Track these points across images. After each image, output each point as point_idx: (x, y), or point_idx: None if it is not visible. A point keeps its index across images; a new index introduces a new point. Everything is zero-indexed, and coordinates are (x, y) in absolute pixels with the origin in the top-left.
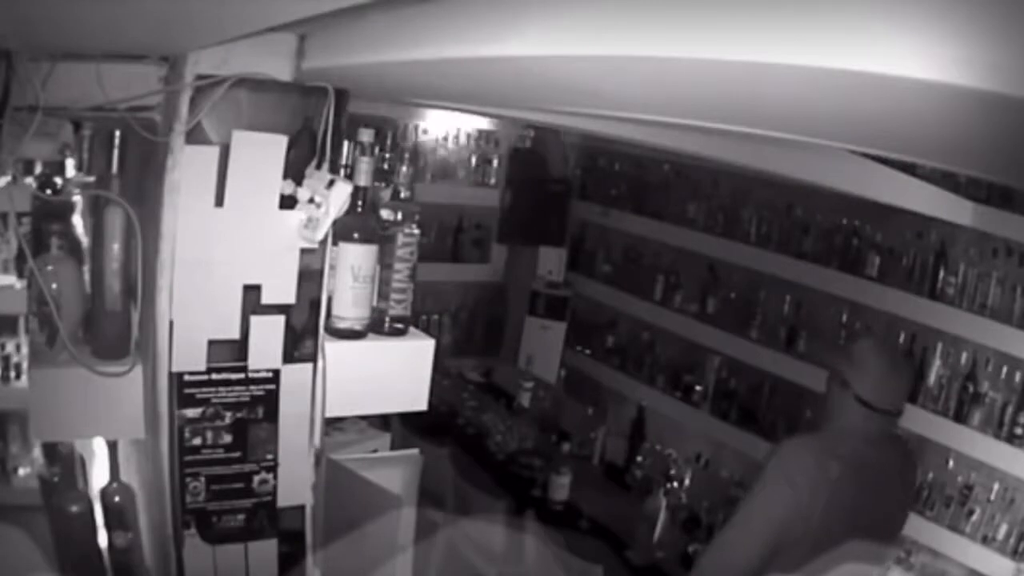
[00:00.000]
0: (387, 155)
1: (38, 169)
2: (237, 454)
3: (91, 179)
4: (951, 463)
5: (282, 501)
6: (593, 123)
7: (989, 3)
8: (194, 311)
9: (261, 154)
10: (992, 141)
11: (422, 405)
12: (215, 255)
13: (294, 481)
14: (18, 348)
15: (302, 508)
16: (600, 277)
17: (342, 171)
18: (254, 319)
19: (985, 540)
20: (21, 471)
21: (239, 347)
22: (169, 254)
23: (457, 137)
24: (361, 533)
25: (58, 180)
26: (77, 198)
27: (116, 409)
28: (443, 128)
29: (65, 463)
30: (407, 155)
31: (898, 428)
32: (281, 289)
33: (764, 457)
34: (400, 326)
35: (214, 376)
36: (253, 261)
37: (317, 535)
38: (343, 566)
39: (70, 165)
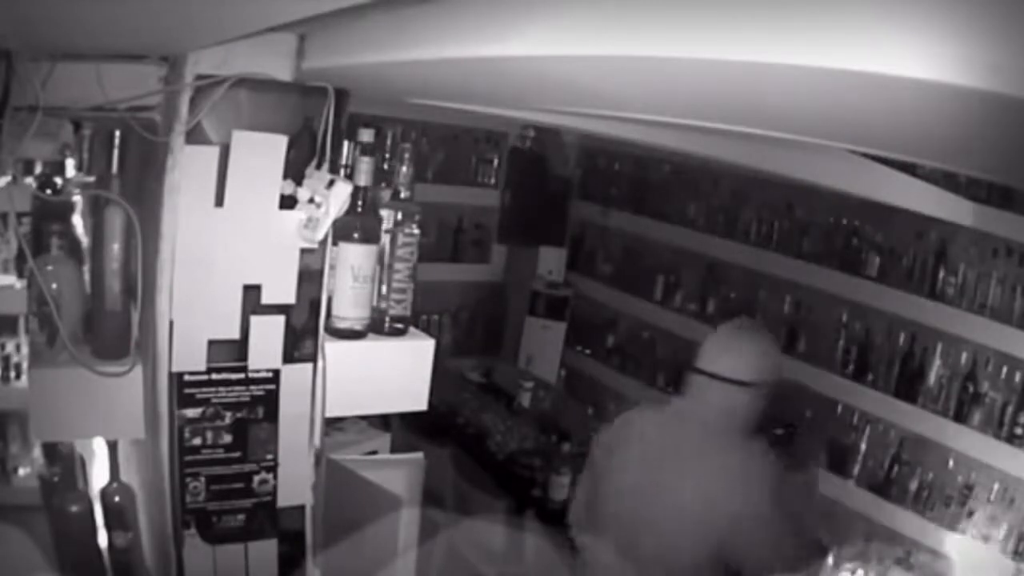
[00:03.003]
0: (387, 155)
1: (38, 169)
2: (237, 454)
3: (91, 179)
4: (951, 463)
5: (282, 501)
6: (593, 123)
7: (989, 3)
8: (194, 311)
9: (261, 154)
10: (992, 141)
11: (422, 405)
12: (215, 255)
13: (294, 481)
14: (18, 348)
15: (302, 508)
16: (600, 277)
17: (342, 171)
18: (254, 319)
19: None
20: (21, 471)
21: (239, 347)
22: (169, 254)
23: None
24: (361, 534)
25: (58, 180)
26: (77, 198)
27: (116, 409)
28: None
29: (65, 463)
30: (407, 155)
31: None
32: (281, 289)
33: None
34: (400, 326)
35: (214, 376)
36: (253, 261)
37: (317, 535)
38: (343, 567)
39: (70, 165)
